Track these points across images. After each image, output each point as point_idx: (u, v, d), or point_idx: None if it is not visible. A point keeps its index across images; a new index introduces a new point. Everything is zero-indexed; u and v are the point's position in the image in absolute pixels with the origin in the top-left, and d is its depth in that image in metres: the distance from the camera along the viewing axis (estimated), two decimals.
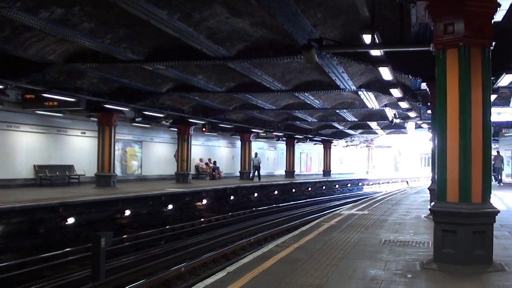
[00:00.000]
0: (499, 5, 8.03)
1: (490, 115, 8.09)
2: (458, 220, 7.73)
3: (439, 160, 8.16)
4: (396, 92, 20.50)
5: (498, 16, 8.56)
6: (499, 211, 7.94)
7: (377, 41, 12.35)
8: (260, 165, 42.61)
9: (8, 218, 16.78)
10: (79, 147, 29.81)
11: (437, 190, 8.23)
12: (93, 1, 12.85)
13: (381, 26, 12.73)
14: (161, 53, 17.46)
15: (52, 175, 27.11)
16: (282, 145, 54.50)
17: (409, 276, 7.65)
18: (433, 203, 8.49)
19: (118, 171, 30.75)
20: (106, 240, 12.69)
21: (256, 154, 43.00)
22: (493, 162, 31.47)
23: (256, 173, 41.92)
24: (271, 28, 15.32)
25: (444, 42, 8.04)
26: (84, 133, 30.21)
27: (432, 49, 8.31)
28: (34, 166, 26.63)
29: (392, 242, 10.75)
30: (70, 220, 19.14)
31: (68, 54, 17.70)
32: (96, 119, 27.18)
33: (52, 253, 16.06)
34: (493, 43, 8.05)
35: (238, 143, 45.14)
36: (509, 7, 8.65)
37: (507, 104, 24.30)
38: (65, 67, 19.00)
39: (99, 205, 20.80)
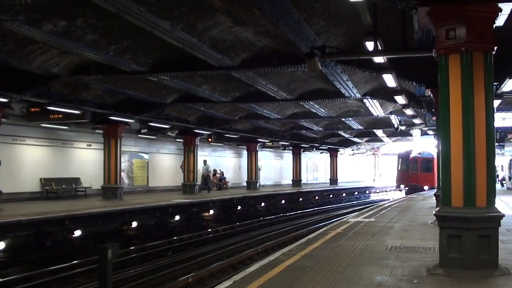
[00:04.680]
0: (500, 10, 8.03)
1: (494, 119, 8.11)
2: (463, 225, 7.73)
3: (443, 165, 8.17)
4: (400, 99, 20.50)
5: (500, 21, 8.53)
6: (504, 215, 7.95)
7: (380, 48, 12.37)
8: (210, 175, 39.13)
9: (15, 232, 16.81)
10: (85, 160, 29.88)
11: (442, 195, 8.25)
12: (96, 12, 12.88)
13: (384, 32, 12.75)
14: (165, 64, 17.48)
15: (59, 188, 27.17)
16: (288, 154, 54.45)
17: (415, 281, 7.63)
18: (438, 208, 8.49)
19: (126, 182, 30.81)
20: (113, 252, 12.65)
21: (205, 162, 38.43)
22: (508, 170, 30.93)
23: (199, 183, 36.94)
24: (274, 37, 15.34)
25: (446, 47, 8.07)
26: (90, 145, 30.29)
27: (435, 55, 8.33)
28: (40, 179, 26.70)
29: (399, 248, 10.74)
30: (77, 233, 19.18)
31: (72, 66, 17.75)
32: (101, 131, 27.23)
33: (59, 266, 16.05)
34: (495, 48, 8.05)
35: (245, 153, 45.17)
36: (511, 12, 8.62)
37: None
38: (69, 80, 19.06)
39: (106, 217, 20.83)
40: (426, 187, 43.66)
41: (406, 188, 45.20)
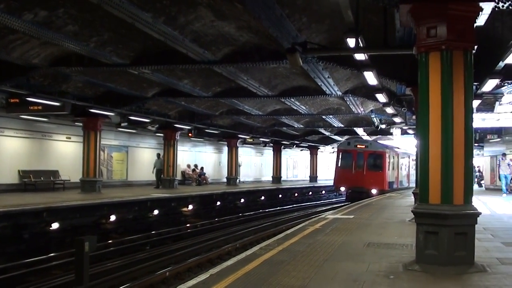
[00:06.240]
0: (481, 9, 8.08)
1: (472, 118, 8.17)
2: (440, 222, 7.79)
3: (421, 162, 8.24)
4: (381, 97, 20.63)
5: (481, 21, 8.58)
6: (480, 213, 8.02)
7: (361, 45, 12.41)
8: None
9: None
10: (64, 152, 29.69)
11: (420, 192, 8.32)
12: (77, 3, 12.80)
13: (365, 30, 12.81)
14: (146, 57, 17.41)
15: (37, 180, 26.95)
16: (268, 151, 54.52)
17: (391, 277, 7.68)
18: (415, 204, 8.55)
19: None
20: (90, 244, 12.58)
21: (159, 156, 34.21)
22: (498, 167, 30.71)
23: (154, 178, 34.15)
24: (256, 33, 15.34)
25: (426, 45, 8.11)
26: (69, 138, 30.09)
27: (415, 52, 8.37)
28: (19, 171, 26.46)
29: (376, 245, 10.79)
30: (55, 225, 19.04)
31: (53, 57, 17.61)
32: (81, 123, 27.04)
33: (36, 258, 15.95)
34: (476, 47, 8.11)
35: (225, 149, 45.08)
36: (492, 12, 8.68)
37: (492, 110, 24.43)
38: (49, 71, 18.91)
39: (84, 210, 20.71)
40: (374, 191, 34.83)
41: (348, 192, 36.93)
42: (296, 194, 46.97)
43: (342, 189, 37.83)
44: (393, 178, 38.89)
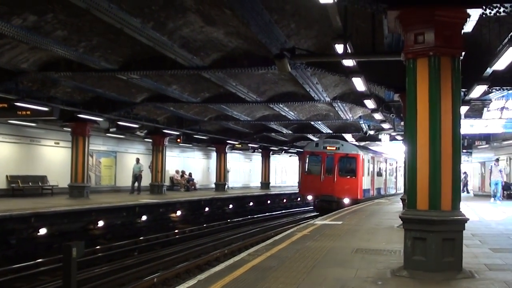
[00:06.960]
0: (469, 16, 8.11)
1: (460, 123, 8.18)
2: (428, 228, 7.80)
3: (409, 168, 8.24)
4: (369, 103, 20.66)
5: (468, 27, 8.61)
6: (468, 219, 8.03)
7: (350, 51, 12.43)
8: (142, 174, 32.95)
9: None
10: (52, 158, 29.59)
11: (408, 198, 8.32)
12: (66, 8, 12.74)
13: (354, 36, 12.84)
14: (135, 62, 17.38)
15: (25, 185, 26.86)
16: (257, 157, 54.51)
17: (379, 283, 7.68)
18: (403, 210, 8.56)
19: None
20: (77, 250, 12.52)
21: (138, 160, 33.16)
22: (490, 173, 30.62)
23: (136, 184, 32.49)
24: (245, 39, 15.35)
25: (414, 51, 8.14)
26: (58, 143, 30.01)
27: (403, 58, 8.39)
28: (7, 176, 26.36)
29: (364, 251, 10.79)
30: (42, 231, 18.96)
31: (42, 62, 17.55)
32: (69, 129, 26.94)
33: (24, 264, 15.84)
34: (463, 53, 8.14)
35: (214, 154, 45.06)
36: (479, 19, 8.71)
37: (480, 117, 24.53)
38: (38, 76, 18.86)
39: (72, 215, 20.63)
40: (346, 200, 30.45)
41: (316, 201, 32.41)
42: (284, 200, 47.00)
43: (309, 197, 33.14)
44: (368, 185, 34.65)
